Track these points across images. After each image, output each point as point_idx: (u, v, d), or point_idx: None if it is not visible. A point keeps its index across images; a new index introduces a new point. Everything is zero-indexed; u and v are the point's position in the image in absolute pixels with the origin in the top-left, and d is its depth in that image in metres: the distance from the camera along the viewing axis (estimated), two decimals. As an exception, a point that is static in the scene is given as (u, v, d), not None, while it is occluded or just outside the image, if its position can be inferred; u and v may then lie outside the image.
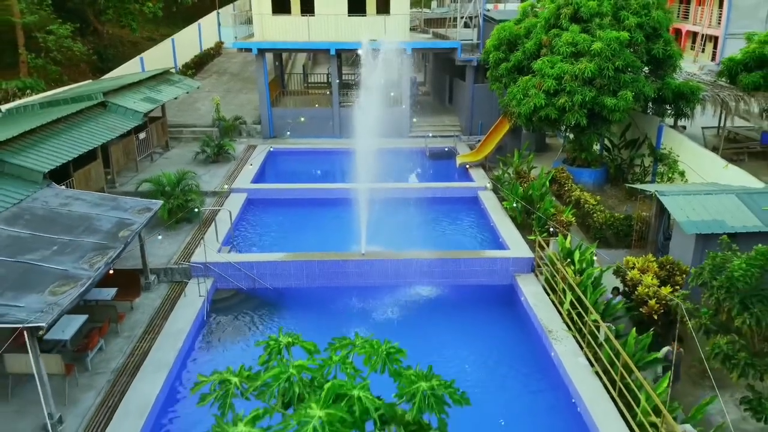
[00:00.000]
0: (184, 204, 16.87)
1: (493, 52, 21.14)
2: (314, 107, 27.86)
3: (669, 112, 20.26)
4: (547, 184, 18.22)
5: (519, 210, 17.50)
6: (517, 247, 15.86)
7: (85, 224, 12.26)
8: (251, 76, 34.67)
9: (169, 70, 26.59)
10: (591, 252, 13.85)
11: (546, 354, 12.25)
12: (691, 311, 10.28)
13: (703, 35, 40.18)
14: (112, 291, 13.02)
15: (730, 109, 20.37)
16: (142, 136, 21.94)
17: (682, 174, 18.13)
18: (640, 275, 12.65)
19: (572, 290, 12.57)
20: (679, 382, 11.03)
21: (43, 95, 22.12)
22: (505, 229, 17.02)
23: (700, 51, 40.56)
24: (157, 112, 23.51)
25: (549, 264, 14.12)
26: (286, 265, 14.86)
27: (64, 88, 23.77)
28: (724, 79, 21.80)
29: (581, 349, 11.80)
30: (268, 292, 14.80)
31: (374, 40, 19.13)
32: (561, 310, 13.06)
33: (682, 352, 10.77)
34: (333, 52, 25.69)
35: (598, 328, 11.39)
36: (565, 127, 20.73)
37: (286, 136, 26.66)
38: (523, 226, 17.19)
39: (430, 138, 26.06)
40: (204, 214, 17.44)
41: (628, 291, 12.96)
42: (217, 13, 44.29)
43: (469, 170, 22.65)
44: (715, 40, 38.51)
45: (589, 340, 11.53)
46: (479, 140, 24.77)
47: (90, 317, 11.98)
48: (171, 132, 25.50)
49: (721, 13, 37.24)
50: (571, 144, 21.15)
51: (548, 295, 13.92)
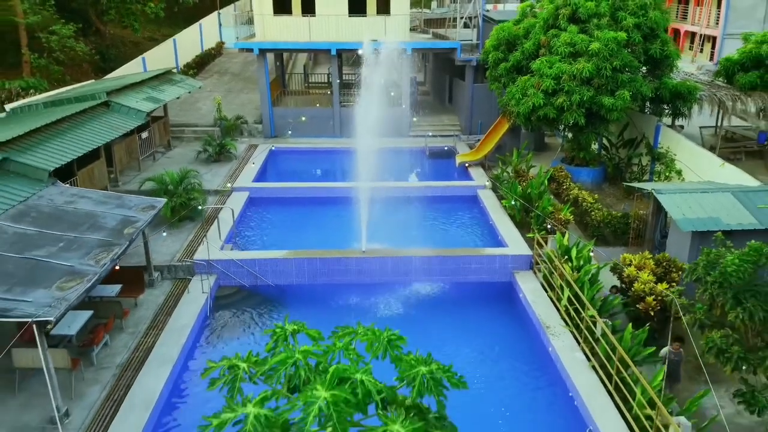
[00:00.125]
0: (187, 202, 17.07)
1: (493, 52, 21.34)
2: (315, 107, 28.05)
3: (666, 111, 20.48)
4: (546, 182, 18.42)
5: (518, 208, 17.70)
6: (516, 244, 16.05)
7: (91, 221, 12.46)
8: (252, 76, 34.89)
9: (171, 70, 26.78)
10: (588, 249, 14.05)
11: (544, 349, 12.45)
12: (686, 307, 10.48)
13: (702, 35, 40.37)
14: (117, 288, 13.20)
15: (727, 109, 20.58)
16: (145, 135, 22.14)
17: (679, 173, 18.33)
18: (637, 272, 12.84)
19: (570, 287, 12.76)
20: (679, 383, 11.03)
21: (46, 95, 22.32)
22: (504, 227, 17.22)
23: (699, 51, 40.74)
24: (159, 112, 23.72)
25: (547, 261, 14.31)
26: (288, 262, 15.05)
27: (68, 88, 23.97)
28: (721, 79, 21.98)
29: (578, 345, 11.99)
30: (270, 289, 14.99)
31: (375, 40, 19.36)
32: (559, 306, 13.26)
33: (682, 352, 10.79)
34: (334, 53, 25.88)
35: (595, 324, 11.59)
36: (563, 127, 20.93)
37: (287, 136, 26.86)
38: (522, 224, 17.39)
39: (430, 137, 26.25)
40: (206, 212, 17.64)
41: (624, 288, 13.15)
42: (218, 14, 44.50)
43: (469, 169, 22.86)
44: (714, 41, 38.70)
45: (586, 336, 11.73)
46: (479, 139, 24.98)
47: (95, 313, 12.17)
48: (173, 131, 25.70)
49: (719, 14, 37.42)
50: (569, 143, 21.35)
51: (546, 292, 14.12)
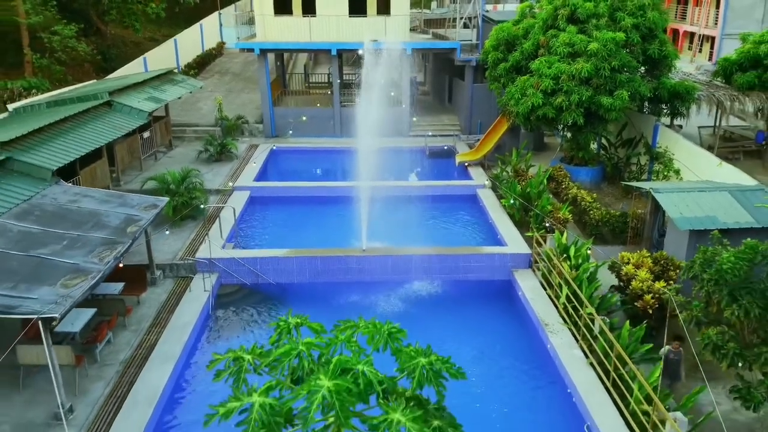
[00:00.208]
0: (189, 201, 17.20)
1: (492, 53, 21.46)
2: (315, 107, 28.18)
3: (665, 111, 20.59)
4: (545, 182, 18.54)
5: (517, 207, 17.83)
6: (515, 243, 16.19)
7: (94, 220, 12.59)
8: (253, 76, 35.03)
9: (172, 70, 26.93)
10: (586, 248, 14.17)
11: (542, 346, 12.58)
12: (683, 304, 10.60)
13: (700, 35, 40.50)
14: (120, 286, 13.33)
15: (725, 109, 20.70)
16: (147, 135, 22.28)
17: (677, 172, 18.46)
18: (635, 270, 12.96)
19: (568, 285, 12.89)
20: (679, 381, 11.01)
21: (49, 95, 22.45)
22: (503, 226, 17.35)
23: (698, 51, 40.88)
24: (161, 112, 23.85)
25: (546, 259, 14.44)
26: (289, 260, 15.18)
27: (70, 88, 24.11)
28: (719, 79, 22.10)
29: (576, 342, 12.12)
30: (271, 288, 15.12)
31: (375, 41, 19.49)
32: (557, 304, 13.39)
33: (682, 351, 10.82)
34: (334, 53, 26.01)
35: (593, 321, 11.72)
36: (562, 126, 21.06)
37: (288, 136, 26.99)
38: (521, 223, 17.52)
39: (430, 137, 26.39)
40: (208, 211, 17.78)
41: (622, 286, 13.28)
42: (219, 14, 44.63)
43: (468, 169, 23.00)
44: (712, 41, 38.83)
45: (584, 333, 11.85)
46: (478, 139, 25.11)
47: (98, 311, 12.27)
48: (174, 131, 25.84)
49: (718, 14, 37.55)
50: (568, 143, 21.48)
51: (545, 290, 14.25)
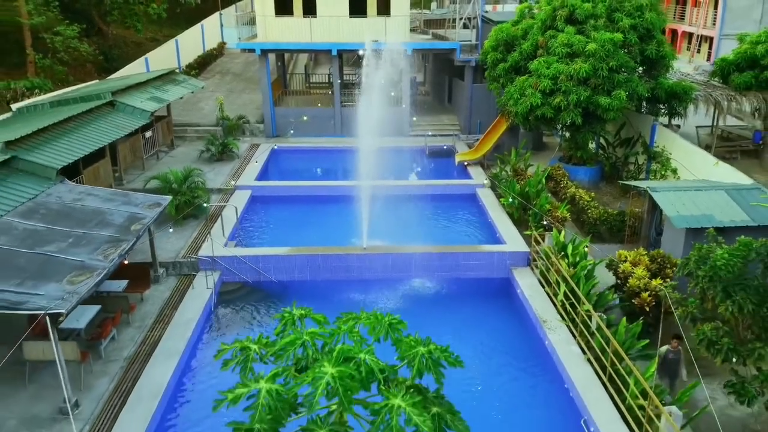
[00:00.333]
0: (191, 200, 17.37)
1: (491, 53, 21.65)
2: (316, 107, 28.37)
3: (662, 111, 20.78)
4: (543, 181, 18.71)
5: (516, 206, 18.01)
6: (514, 241, 16.37)
7: (98, 218, 12.77)
8: (253, 76, 35.21)
9: (174, 71, 27.12)
10: (584, 245, 14.35)
11: (541, 343, 12.76)
12: (679, 301, 10.76)
13: (699, 36, 40.68)
14: (123, 283, 13.50)
15: (722, 109, 20.88)
16: (149, 134, 22.46)
17: (675, 171, 18.64)
18: (632, 268, 13.14)
19: (566, 282, 13.07)
20: (679, 380, 11.00)
21: (52, 95, 22.63)
22: (502, 225, 17.54)
23: (696, 51, 41.05)
24: (163, 112, 24.03)
25: (544, 257, 14.62)
26: (291, 258, 15.36)
27: (73, 88, 24.30)
28: (716, 79, 22.28)
29: (574, 338, 12.29)
30: (273, 285, 15.30)
31: (376, 41, 19.67)
32: (555, 301, 13.57)
33: (681, 351, 10.86)
34: (334, 53, 26.19)
35: (590, 318, 11.90)
36: (560, 126, 21.23)
37: (290, 135, 27.17)
38: (520, 222, 17.70)
39: (430, 137, 26.56)
40: (210, 210, 17.96)
41: (620, 283, 13.46)
42: (220, 15, 44.84)
43: (468, 168, 23.18)
44: (711, 41, 39.02)
45: (582, 329, 12.01)
46: (478, 139, 25.29)
47: (102, 308, 12.43)
48: (176, 131, 26.03)
49: (716, 14, 37.74)
50: (567, 142, 21.66)
51: (543, 287, 14.43)
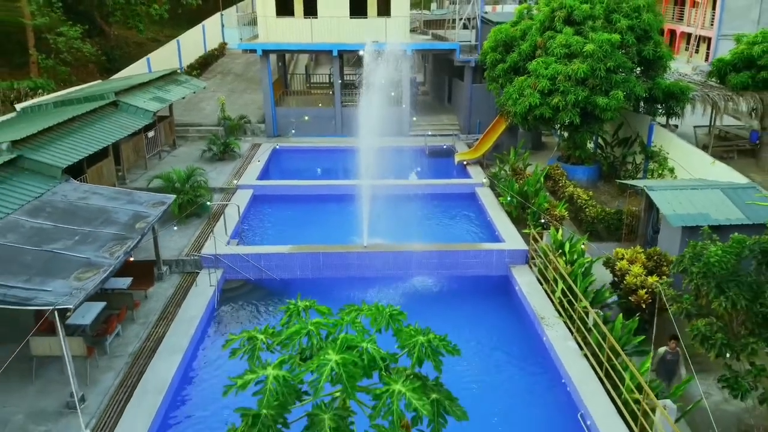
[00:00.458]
0: (194, 199, 17.57)
1: (490, 54, 21.85)
2: (317, 107, 28.56)
3: (660, 111, 20.97)
4: (542, 180, 18.92)
5: (514, 205, 18.22)
6: (512, 239, 16.58)
7: (103, 216, 12.98)
8: (254, 77, 35.43)
9: (176, 71, 27.33)
10: (581, 243, 14.56)
11: (538, 339, 12.98)
12: (674, 297, 10.96)
13: (697, 36, 40.89)
14: (128, 280, 13.72)
15: (719, 109, 21.08)
16: (151, 134, 22.67)
17: (672, 170, 18.84)
18: (629, 266, 13.34)
19: (563, 279, 13.28)
20: (678, 381, 10.94)
21: (55, 95, 22.84)
22: (501, 223, 17.75)
23: (694, 52, 41.26)
24: (165, 112, 24.24)
25: (542, 255, 14.82)
26: (292, 256, 15.57)
27: (77, 88, 24.50)
28: (714, 80, 22.48)
29: (571, 334, 12.50)
30: (275, 283, 15.51)
31: (376, 42, 19.87)
32: (553, 298, 13.78)
33: (679, 352, 10.95)
34: (335, 53, 26.39)
35: (587, 315, 12.11)
36: (559, 126, 21.43)
37: (291, 135, 27.37)
38: (518, 221, 17.91)
39: (430, 136, 26.77)
40: (212, 208, 18.16)
41: (617, 281, 13.66)
42: (221, 15, 45.06)
43: (467, 167, 23.39)
44: (709, 41, 39.23)
45: (579, 326, 12.22)
46: (477, 139, 25.50)
47: (107, 305, 12.63)
48: (178, 131, 26.24)
49: (714, 15, 37.95)
50: (565, 142, 21.85)
51: (541, 285, 14.63)
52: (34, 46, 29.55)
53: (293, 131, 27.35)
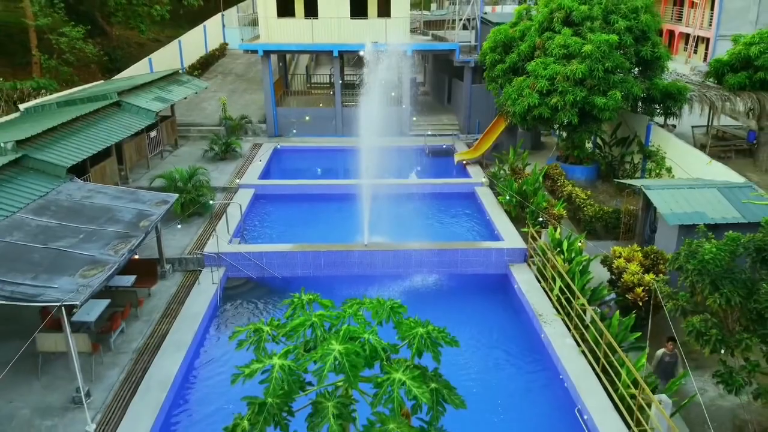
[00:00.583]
0: (196, 198, 17.75)
1: (490, 54, 22.02)
2: (317, 107, 28.75)
3: (658, 111, 21.14)
4: (541, 180, 19.10)
5: (513, 204, 18.39)
6: (511, 238, 16.75)
7: (108, 215, 13.16)
8: (255, 77, 35.62)
9: (177, 71, 27.51)
10: (578, 241, 14.74)
11: (537, 336, 13.16)
12: (670, 294, 11.13)
13: (695, 37, 41.07)
14: (132, 278, 13.87)
15: (716, 109, 21.25)
16: (153, 134, 22.85)
17: (669, 170, 19.01)
18: (626, 264, 13.52)
19: (561, 277, 13.46)
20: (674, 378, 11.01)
21: (58, 95, 23.01)
22: (500, 222, 17.92)
23: (693, 52, 41.44)
24: (167, 111, 24.42)
25: (540, 254, 15.00)
26: (294, 255, 15.74)
27: (80, 88, 24.68)
28: (711, 80, 22.63)
29: (569, 331, 12.67)
30: (277, 281, 15.68)
31: (376, 42, 20.05)
32: (551, 296, 13.96)
33: (677, 353, 11.05)
34: (336, 54, 26.56)
35: (585, 312, 12.29)
36: (557, 126, 21.60)
37: (292, 135, 27.54)
38: (517, 220, 18.09)
39: (430, 136, 26.93)
40: (214, 207, 18.34)
41: (614, 279, 13.83)
42: (222, 16, 45.24)
43: (467, 167, 23.57)
44: (707, 42, 39.40)
45: (577, 323, 12.40)
46: (476, 138, 25.69)
47: (112, 302, 12.79)
48: (179, 131, 26.41)
49: (713, 16, 38.12)
50: (564, 142, 22.03)
51: (539, 283, 14.81)
52: (37, 47, 29.72)
53: (294, 131, 27.52)
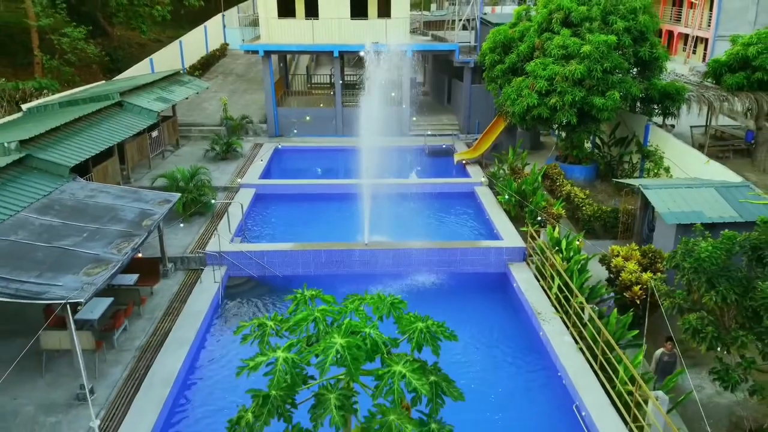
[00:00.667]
0: (198, 198, 17.88)
1: (489, 54, 22.16)
2: (318, 107, 28.88)
3: (656, 111, 21.27)
4: (540, 179, 19.23)
5: (513, 204, 18.52)
6: (511, 237, 16.88)
7: (111, 214, 13.29)
8: (255, 77, 35.74)
9: (179, 72, 27.64)
10: (576, 240, 14.87)
11: (535, 333, 13.29)
12: (667, 292, 11.26)
13: (694, 37, 41.20)
14: (134, 277, 13.99)
15: (714, 109, 21.38)
16: (155, 134, 22.99)
17: (667, 170, 19.14)
18: (624, 262, 13.65)
19: (560, 276, 13.59)
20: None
21: (61, 95, 23.14)
22: (500, 222, 18.05)
23: (692, 53, 41.57)
24: (168, 112, 24.54)
25: (539, 253, 15.13)
26: (295, 254, 15.87)
27: (82, 88, 24.81)
28: (709, 80, 22.76)
29: (567, 329, 12.81)
30: (278, 279, 15.81)
31: (376, 43, 20.18)
32: (549, 294, 14.09)
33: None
34: (336, 54, 26.69)
35: (583, 310, 12.42)
36: (556, 126, 21.73)
37: (294, 135, 27.66)
38: (517, 219, 18.22)
39: (429, 136, 27.06)
40: (216, 206, 18.47)
41: (612, 277, 13.97)
42: (222, 16, 45.36)
43: (466, 167, 23.70)
44: (706, 42, 39.53)
45: (575, 321, 12.54)
46: (476, 138, 25.81)
47: (115, 300, 12.92)
48: (180, 131, 26.54)
49: (711, 16, 38.25)
50: (563, 142, 22.16)
51: (538, 281, 14.94)
52: (39, 47, 29.85)
53: (295, 131, 27.64)
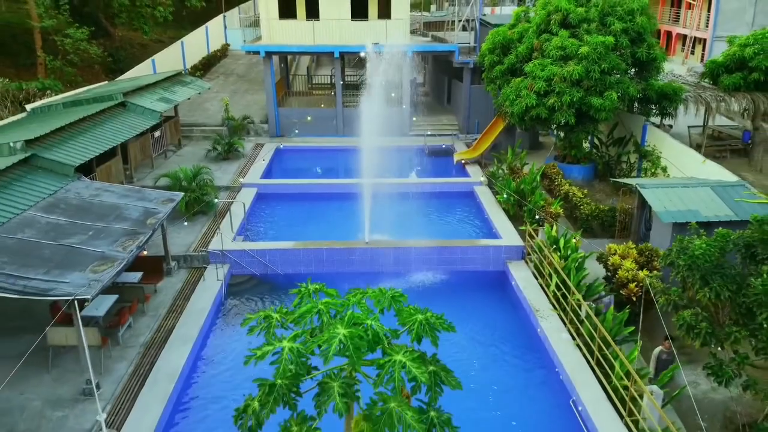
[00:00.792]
0: (200, 197, 18.09)
1: (488, 55, 22.37)
2: (319, 107, 29.09)
3: (654, 111, 21.47)
4: (538, 179, 19.43)
5: (511, 203, 18.73)
6: (509, 236, 17.09)
7: (115, 213, 13.50)
8: (256, 78, 35.95)
9: (181, 72, 27.86)
10: (574, 238, 15.08)
11: (533, 330, 13.50)
12: (662, 290, 11.46)
13: (692, 38, 41.40)
14: (138, 274, 14.21)
15: (711, 109, 21.57)
16: (157, 134, 23.20)
17: (665, 169, 19.35)
18: (621, 261, 13.86)
19: (557, 273, 13.80)
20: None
21: (64, 95, 23.34)
22: (499, 221, 18.26)
23: (690, 53, 41.77)
24: (170, 112, 24.74)
25: (538, 251, 15.34)
26: (296, 252, 16.09)
27: (85, 89, 25.01)
28: (707, 80, 22.95)
29: (565, 326, 13.03)
30: (279, 278, 16.02)
31: (377, 43, 20.39)
32: (547, 292, 14.30)
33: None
34: (337, 55, 26.90)
35: (580, 307, 12.63)
36: (555, 126, 21.94)
37: (295, 135, 27.87)
38: (515, 218, 18.44)
39: (429, 136, 27.26)
40: (218, 206, 18.69)
41: (609, 275, 14.18)
42: (224, 17, 45.57)
43: (466, 167, 23.91)
44: (704, 43, 39.74)
45: (572, 318, 12.75)
46: (475, 138, 26.03)
47: (119, 297, 13.13)
48: (182, 131, 26.77)
49: (709, 17, 38.46)
50: (561, 142, 22.37)
51: (536, 279, 15.16)
52: (42, 48, 30.06)
53: (296, 131, 27.86)
